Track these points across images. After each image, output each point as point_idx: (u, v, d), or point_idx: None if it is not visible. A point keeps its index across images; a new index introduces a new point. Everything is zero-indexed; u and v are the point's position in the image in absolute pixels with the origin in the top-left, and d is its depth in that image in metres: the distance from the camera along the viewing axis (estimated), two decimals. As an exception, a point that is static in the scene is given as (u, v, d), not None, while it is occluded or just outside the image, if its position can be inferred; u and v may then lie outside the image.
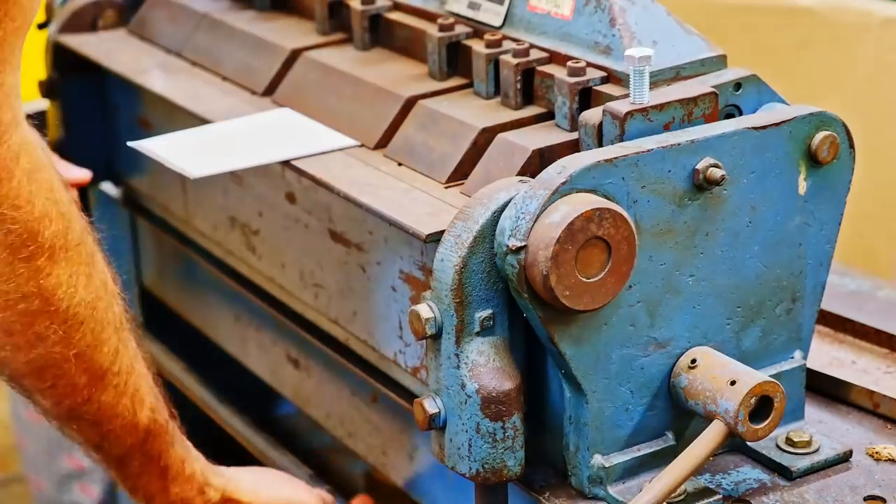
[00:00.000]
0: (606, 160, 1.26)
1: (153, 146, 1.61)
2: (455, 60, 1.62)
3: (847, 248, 1.91)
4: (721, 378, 1.30)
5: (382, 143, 1.57)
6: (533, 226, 1.23)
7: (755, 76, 1.42)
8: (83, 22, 2.07)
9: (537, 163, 1.40)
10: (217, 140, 1.63)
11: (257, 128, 1.67)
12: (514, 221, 1.24)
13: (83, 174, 1.87)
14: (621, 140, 1.32)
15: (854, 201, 1.46)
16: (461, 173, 1.46)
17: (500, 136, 1.45)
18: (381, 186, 1.48)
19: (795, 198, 1.38)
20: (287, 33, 1.84)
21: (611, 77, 1.45)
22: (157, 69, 1.91)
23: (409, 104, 1.57)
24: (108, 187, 2.25)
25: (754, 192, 1.35)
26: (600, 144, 1.35)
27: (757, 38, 2.84)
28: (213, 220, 1.92)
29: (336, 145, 1.59)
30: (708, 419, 1.31)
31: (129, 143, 1.63)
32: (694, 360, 1.33)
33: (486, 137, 1.47)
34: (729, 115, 1.41)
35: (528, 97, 1.52)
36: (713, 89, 1.37)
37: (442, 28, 1.61)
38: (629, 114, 1.32)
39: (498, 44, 1.55)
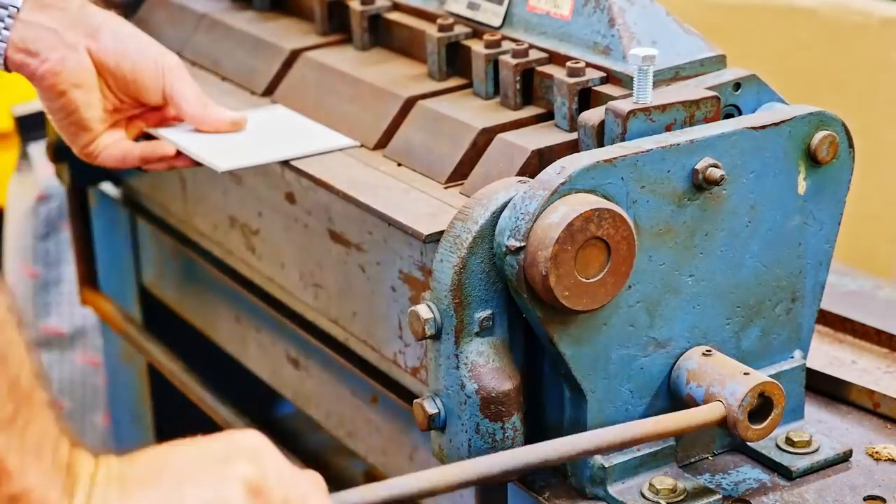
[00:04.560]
0: (606, 160, 1.25)
1: (173, 137, 1.62)
2: (454, 60, 1.62)
3: (847, 248, 1.91)
4: (733, 367, 1.30)
5: (382, 144, 1.57)
6: (532, 226, 1.23)
7: (754, 76, 1.42)
8: (83, 22, 2.06)
9: (536, 163, 1.40)
10: (227, 135, 1.63)
11: (261, 123, 1.67)
12: (514, 222, 1.24)
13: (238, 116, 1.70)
14: (623, 139, 1.32)
15: (854, 201, 1.46)
16: (460, 174, 1.47)
17: (500, 136, 1.45)
18: (381, 186, 1.48)
19: (795, 197, 1.38)
20: (286, 33, 1.84)
21: (610, 77, 1.45)
22: None
23: (409, 104, 1.58)
24: (108, 187, 2.25)
25: (754, 192, 1.35)
26: (600, 144, 1.35)
27: (757, 38, 2.84)
28: (213, 220, 1.91)
29: (343, 141, 1.59)
30: (706, 402, 1.30)
31: (149, 130, 1.63)
32: (709, 350, 1.33)
33: (485, 138, 1.47)
34: (728, 116, 1.40)
35: (527, 97, 1.52)
36: (716, 93, 1.37)
37: (441, 28, 1.62)
38: (632, 112, 1.32)
39: (497, 44, 1.55)
